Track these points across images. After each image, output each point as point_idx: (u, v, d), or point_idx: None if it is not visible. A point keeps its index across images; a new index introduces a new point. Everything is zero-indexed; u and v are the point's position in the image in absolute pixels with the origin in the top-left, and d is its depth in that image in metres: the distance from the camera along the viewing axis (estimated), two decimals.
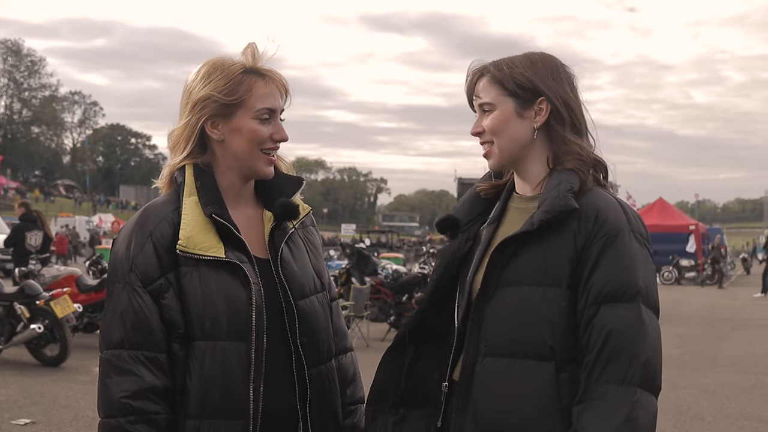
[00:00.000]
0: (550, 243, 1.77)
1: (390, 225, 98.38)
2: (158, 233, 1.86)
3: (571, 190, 1.77)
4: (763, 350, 12.09)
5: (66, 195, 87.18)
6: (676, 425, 6.90)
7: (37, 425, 6.53)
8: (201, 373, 1.83)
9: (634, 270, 1.74)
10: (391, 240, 54.59)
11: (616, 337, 1.69)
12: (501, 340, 1.79)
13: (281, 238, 1.98)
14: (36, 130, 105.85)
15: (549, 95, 1.84)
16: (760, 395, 8.52)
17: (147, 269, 1.84)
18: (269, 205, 2.01)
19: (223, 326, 1.83)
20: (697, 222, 34.96)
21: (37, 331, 8.96)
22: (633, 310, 1.71)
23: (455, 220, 1.96)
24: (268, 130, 1.93)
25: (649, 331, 1.71)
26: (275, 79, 1.95)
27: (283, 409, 1.90)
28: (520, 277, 1.79)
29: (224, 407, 1.83)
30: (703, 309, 18.92)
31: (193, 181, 1.92)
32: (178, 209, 1.90)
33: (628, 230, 1.77)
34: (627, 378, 1.68)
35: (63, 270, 11.53)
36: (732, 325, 15.70)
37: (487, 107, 1.88)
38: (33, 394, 7.65)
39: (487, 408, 1.79)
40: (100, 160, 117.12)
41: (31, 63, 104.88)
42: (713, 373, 9.87)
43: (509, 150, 1.88)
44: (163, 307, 1.84)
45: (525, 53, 1.91)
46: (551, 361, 1.74)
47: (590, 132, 1.91)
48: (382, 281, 13.13)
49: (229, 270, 1.85)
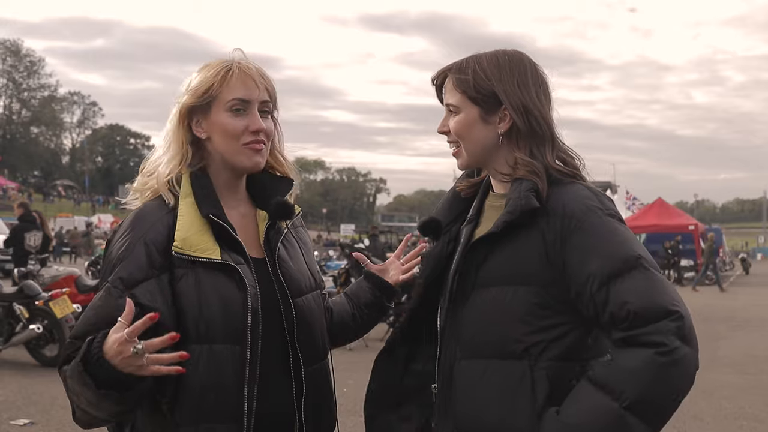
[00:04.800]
0: (518, 243, 1.77)
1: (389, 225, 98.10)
2: (152, 235, 1.85)
3: (532, 190, 1.76)
4: (761, 350, 12.09)
5: (65, 195, 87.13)
6: (675, 426, 6.88)
7: (36, 426, 6.53)
8: (195, 378, 1.80)
9: (625, 241, 1.72)
10: (390, 240, 54.51)
11: (638, 305, 1.64)
12: (475, 342, 1.80)
13: (277, 237, 1.98)
14: (35, 130, 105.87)
15: (509, 105, 1.82)
16: (759, 395, 8.51)
17: (133, 271, 1.81)
18: (262, 204, 2.00)
19: (219, 329, 1.82)
20: (697, 222, 34.93)
21: (36, 331, 8.97)
22: (642, 273, 1.68)
23: (437, 222, 1.97)
24: (243, 122, 1.90)
25: (668, 286, 1.68)
26: (249, 70, 1.93)
27: (278, 408, 1.90)
28: (492, 278, 1.79)
29: (218, 411, 1.82)
30: (702, 309, 18.91)
31: (189, 184, 1.91)
32: (173, 211, 1.89)
33: (600, 210, 1.75)
34: (662, 330, 1.61)
35: (62, 270, 11.51)
36: (731, 326, 15.71)
37: (453, 108, 1.88)
38: (32, 394, 7.65)
39: (465, 410, 1.79)
40: (99, 161, 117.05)
41: (30, 63, 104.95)
42: (712, 373, 9.86)
43: (475, 153, 1.88)
44: (145, 308, 1.74)
45: (495, 52, 1.88)
46: (524, 360, 1.74)
47: (558, 135, 1.87)
48: None
49: (224, 272, 1.85)
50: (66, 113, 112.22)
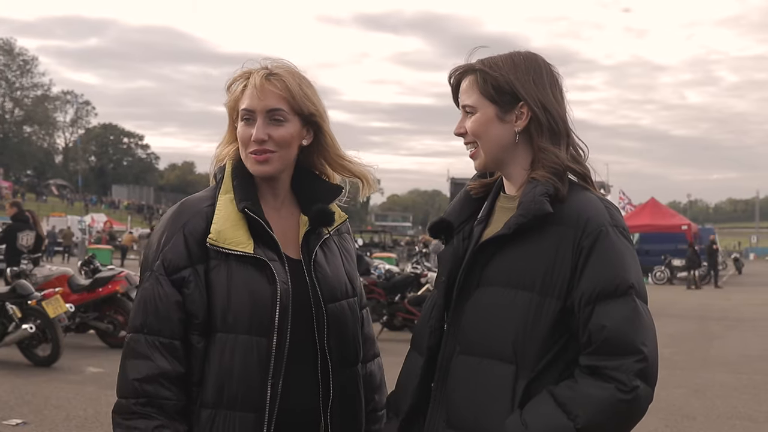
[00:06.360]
0: (527, 247, 1.78)
1: (383, 225, 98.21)
2: (191, 226, 1.92)
3: (546, 194, 1.77)
4: (754, 350, 12.14)
5: (58, 195, 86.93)
6: (668, 425, 6.90)
7: (28, 425, 6.51)
8: (220, 364, 1.88)
9: (624, 265, 1.74)
10: (384, 240, 54.54)
11: (614, 333, 1.69)
12: (472, 339, 1.82)
13: (316, 241, 2.02)
14: (28, 129, 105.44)
15: (528, 101, 1.83)
16: (752, 395, 8.54)
17: (173, 259, 1.90)
18: (306, 209, 2.04)
19: (245, 321, 1.88)
20: (689, 222, 35.04)
21: (28, 331, 8.95)
22: (628, 304, 1.71)
23: (447, 223, 1.97)
24: (250, 131, 1.95)
25: (646, 324, 1.72)
26: (257, 80, 1.96)
27: (302, 408, 1.93)
28: (496, 278, 1.81)
29: (240, 399, 1.87)
30: (695, 308, 18.97)
31: (230, 179, 1.98)
32: (213, 205, 1.96)
33: (611, 225, 1.77)
34: (625, 369, 1.67)
35: (55, 270, 11.48)
36: (723, 325, 15.76)
37: (469, 109, 1.89)
38: (24, 394, 7.64)
39: (456, 403, 1.82)
40: (92, 160, 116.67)
41: (23, 62, 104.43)
42: (705, 372, 9.89)
43: (493, 153, 1.89)
44: (186, 297, 1.89)
45: (509, 53, 1.90)
46: (512, 364, 1.76)
47: (574, 132, 1.89)
48: (375, 281, 13.11)
49: (256, 266, 1.90)
50: (59, 112, 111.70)
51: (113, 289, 10.68)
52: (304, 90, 1.98)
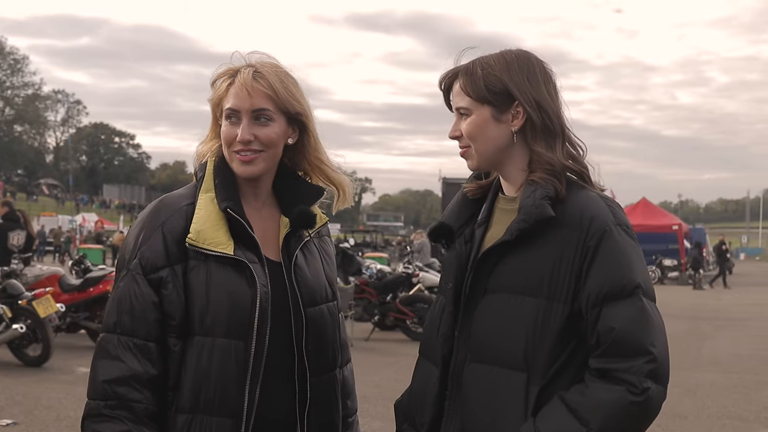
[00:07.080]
0: (531, 252, 1.77)
1: (375, 225, 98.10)
2: (170, 224, 1.87)
3: (546, 197, 1.75)
4: (745, 350, 12.18)
5: (49, 194, 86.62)
6: (659, 424, 6.92)
7: (19, 426, 6.50)
8: (197, 368, 1.83)
9: (630, 264, 1.73)
10: (376, 240, 54.50)
11: (622, 335, 1.67)
12: (483, 347, 1.80)
13: (296, 244, 1.98)
14: (18, 128, 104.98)
15: (522, 100, 1.81)
16: (742, 394, 8.58)
17: (151, 258, 1.84)
18: (287, 211, 2.00)
19: (224, 324, 1.83)
20: (680, 222, 35.13)
21: (19, 331, 8.92)
22: (635, 304, 1.70)
23: (447, 227, 1.95)
24: (235, 131, 1.91)
25: (655, 323, 1.71)
26: (244, 78, 1.92)
27: (279, 413, 1.89)
28: (503, 284, 1.79)
29: (217, 404, 1.82)
30: (687, 309, 19.01)
31: (212, 178, 1.94)
32: (193, 203, 1.91)
33: (614, 224, 1.75)
34: (635, 371, 1.67)
35: (45, 270, 11.44)
36: (715, 325, 15.81)
37: (463, 111, 1.86)
38: (15, 394, 7.61)
39: (470, 412, 1.80)
40: (83, 159, 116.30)
41: (14, 61, 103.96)
42: (696, 372, 9.92)
43: (488, 153, 1.86)
44: (163, 297, 1.84)
45: (501, 52, 1.87)
46: (524, 372, 1.74)
47: (570, 130, 1.87)
48: (367, 281, 13.10)
49: (236, 268, 1.85)
50: (50, 112, 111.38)
51: (104, 289, 10.62)
52: (290, 89, 1.95)
